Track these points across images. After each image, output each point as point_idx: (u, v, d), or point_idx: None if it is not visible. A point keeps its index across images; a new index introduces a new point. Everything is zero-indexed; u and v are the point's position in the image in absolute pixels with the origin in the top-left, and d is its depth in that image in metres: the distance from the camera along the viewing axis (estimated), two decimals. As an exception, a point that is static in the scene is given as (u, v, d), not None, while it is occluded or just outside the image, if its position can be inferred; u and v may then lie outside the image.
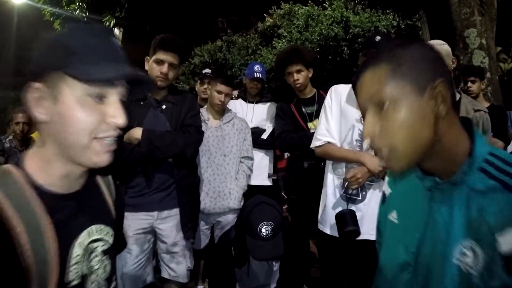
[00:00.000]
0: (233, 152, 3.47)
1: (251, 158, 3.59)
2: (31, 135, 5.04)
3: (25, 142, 4.83)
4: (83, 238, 1.04)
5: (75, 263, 1.00)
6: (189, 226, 2.74)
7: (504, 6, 6.26)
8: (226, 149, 3.44)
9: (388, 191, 1.28)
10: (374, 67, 0.98)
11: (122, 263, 2.57)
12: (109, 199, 1.20)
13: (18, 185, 0.94)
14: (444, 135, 0.96)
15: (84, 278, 1.04)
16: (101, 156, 0.99)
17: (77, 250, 1.01)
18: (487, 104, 3.85)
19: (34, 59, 0.96)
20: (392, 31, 12.67)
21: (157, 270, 2.89)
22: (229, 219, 3.41)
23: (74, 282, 1.00)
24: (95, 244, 1.08)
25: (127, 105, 1.02)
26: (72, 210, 1.02)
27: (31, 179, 0.96)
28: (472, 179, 0.96)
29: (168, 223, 2.67)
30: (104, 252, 1.12)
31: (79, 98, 0.93)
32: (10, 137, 4.86)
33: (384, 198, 1.31)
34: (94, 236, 1.08)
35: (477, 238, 0.93)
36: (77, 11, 8.14)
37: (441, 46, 2.69)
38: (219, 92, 3.39)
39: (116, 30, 10.00)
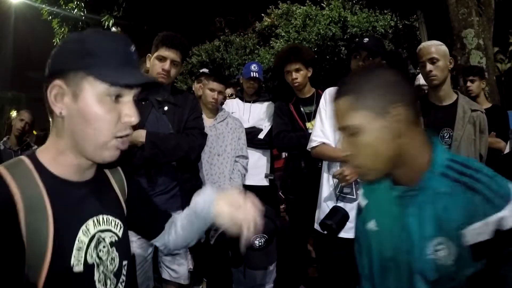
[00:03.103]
0: (227, 151, 3.46)
1: (246, 157, 3.58)
2: (26, 138, 5.01)
3: (21, 142, 4.79)
4: (89, 226, 1.07)
5: (78, 249, 1.03)
6: None
7: (501, 7, 6.27)
8: (220, 148, 3.44)
9: (363, 202, 1.43)
10: (340, 100, 1.16)
11: None
12: (119, 193, 1.25)
13: (27, 171, 1.00)
14: (407, 149, 1.14)
15: (91, 267, 1.06)
16: (111, 153, 1.06)
17: (80, 237, 1.04)
18: (489, 105, 3.85)
19: (57, 57, 1.03)
20: (389, 31, 12.69)
21: (154, 270, 2.88)
22: None
23: (76, 269, 1.02)
24: (103, 235, 1.11)
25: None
26: (80, 197, 1.08)
27: (42, 168, 1.02)
28: (436, 183, 1.13)
29: None
30: (112, 244, 1.14)
31: (98, 98, 1.00)
32: (5, 139, 4.84)
33: (360, 210, 1.46)
34: (102, 226, 1.11)
35: (447, 234, 1.10)
36: (75, 10, 8.11)
37: (438, 46, 2.70)
38: (212, 90, 3.38)
39: (113, 30, 9.98)
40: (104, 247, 1.11)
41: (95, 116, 1.00)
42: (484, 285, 1.10)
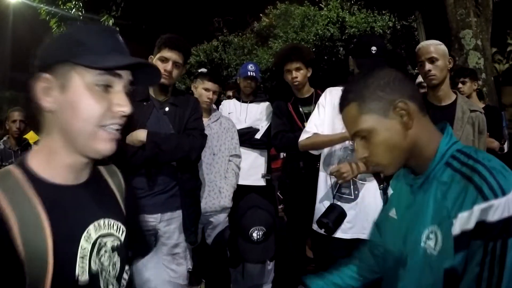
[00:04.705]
0: (222, 150, 3.50)
1: (239, 156, 3.62)
2: (25, 136, 5.01)
3: (21, 141, 4.80)
4: (91, 232, 1.03)
5: (81, 257, 0.99)
6: (192, 229, 2.73)
7: (499, 7, 6.28)
8: (215, 147, 3.47)
9: (390, 192, 1.49)
10: (347, 108, 1.26)
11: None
12: (117, 192, 1.20)
13: (16, 182, 0.94)
14: (418, 139, 1.20)
15: (96, 275, 1.02)
16: (105, 144, 1.01)
17: (83, 244, 1.00)
18: (482, 105, 3.88)
19: (43, 52, 1.01)
20: (388, 32, 12.71)
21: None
22: (221, 218, 3.42)
23: (82, 278, 0.98)
24: (104, 239, 1.06)
25: (132, 96, 1.06)
26: (78, 202, 1.02)
27: (33, 175, 0.97)
28: (439, 172, 1.17)
29: (171, 225, 2.65)
30: (113, 249, 1.09)
31: (87, 87, 0.97)
32: (5, 138, 4.84)
33: (387, 200, 1.51)
34: (102, 230, 1.06)
35: (439, 222, 1.12)
36: (73, 10, 8.11)
37: (437, 46, 2.70)
38: (207, 90, 3.42)
39: (112, 29, 9.96)
40: (105, 252, 1.06)
41: (84, 106, 0.97)
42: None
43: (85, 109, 0.97)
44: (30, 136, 5.22)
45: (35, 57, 1.01)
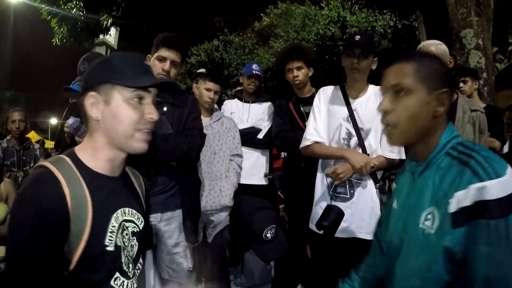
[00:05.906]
0: (223, 150, 3.52)
1: (241, 156, 3.64)
2: (27, 136, 5.03)
3: (22, 141, 4.83)
4: (119, 215, 1.33)
5: (111, 232, 1.28)
6: (192, 229, 2.74)
7: (500, 7, 6.27)
8: (216, 147, 3.50)
9: (394, 186, 1.59)
10: (404, 62, 1.33)
11: None
12: (139, 191, 1.54)
13: (69, 167, 1.26)
14: (433, 129, 1.31)
15: (119, 249, 1.31)
16: (139, 143, 1.35)
17: (113, 222, 1.30)
18: (483, 105, 3.87)
19: (89, 76, 1.36)
20: (389, 31, 12.71)
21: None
22: (221, 217, 3.43)
23: (109, 248, 1.27)
24: (127, 224, 1.36)
25: (157, 106, 1.39)
26: (112, 189, 1.34)
27: (81, 164, 1.29)
28: (439, 160, 1.29)
29: (171, 224, 2.65)
30: (133, 233, 1.39)
31: (125, 100, 1.31)
32: (8, 137, 4.88)
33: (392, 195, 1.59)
34: (126, 216, 1.37)
35: (436, 203, 1.23)
36: (74, 10, 8.10)
37: (438, 46, 2.70)
38: (208, 90, 3.46)
39: (112, 29, 9.97)
40: (126, 234, 1.35)
41: (124, 115, 1.30)
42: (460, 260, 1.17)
43: (125, 117, 1.31)
44: (32, 135, 5.24)
45: (82, 79, 1.38)
